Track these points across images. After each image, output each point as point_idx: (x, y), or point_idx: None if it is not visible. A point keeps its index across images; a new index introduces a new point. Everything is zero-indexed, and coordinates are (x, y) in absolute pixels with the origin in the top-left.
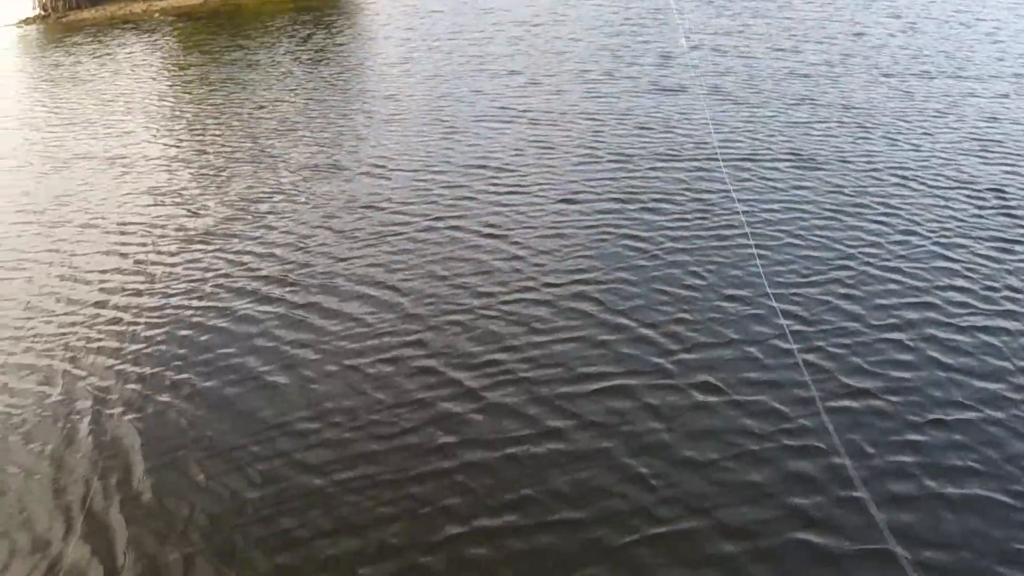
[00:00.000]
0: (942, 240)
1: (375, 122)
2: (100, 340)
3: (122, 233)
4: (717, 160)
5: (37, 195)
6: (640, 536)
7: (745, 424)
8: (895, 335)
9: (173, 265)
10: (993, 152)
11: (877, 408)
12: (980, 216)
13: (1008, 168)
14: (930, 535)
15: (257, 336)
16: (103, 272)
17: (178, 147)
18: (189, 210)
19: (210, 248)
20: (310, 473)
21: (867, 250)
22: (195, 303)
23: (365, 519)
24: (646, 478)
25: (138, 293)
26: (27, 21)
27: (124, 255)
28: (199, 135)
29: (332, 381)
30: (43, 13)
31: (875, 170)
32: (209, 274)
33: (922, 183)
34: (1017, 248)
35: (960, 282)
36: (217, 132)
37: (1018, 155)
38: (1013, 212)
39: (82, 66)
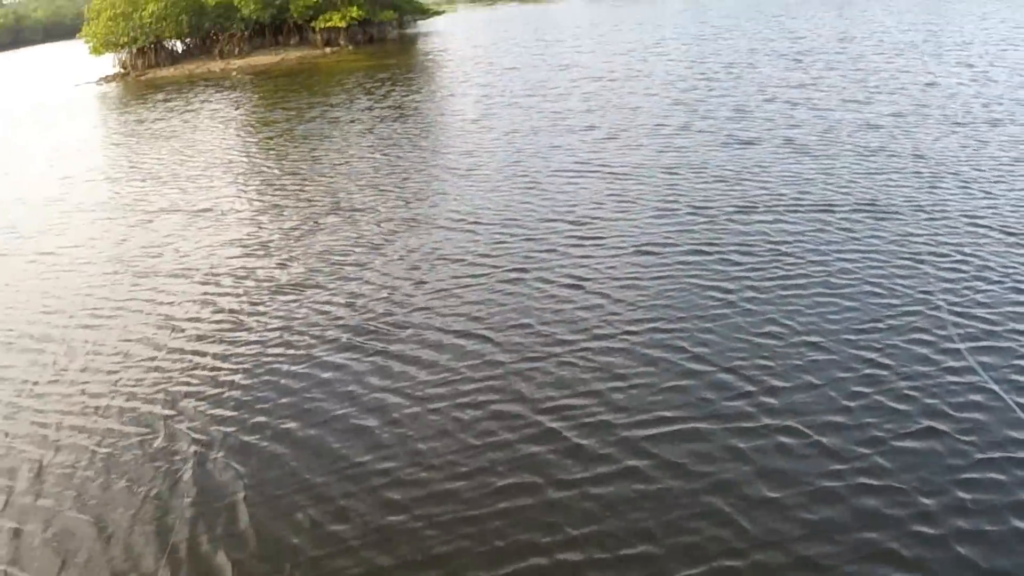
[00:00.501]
0: (1015, 283)
1: (455, 176)
2: (198, 387)
3: (212, 283)
4: (795, 210)
5: (129, 246)
6: (716, 567)
7: (823, 464)
8: (968, 378)
9: (263, 314)
10: None
11: (943, 447)
12: None
13: None
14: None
15: (347, 383)
16: (196, 321)
17: (260, 200)
18: (276, 261)
19: (298, 298)
20: (398, 510)
21: (942, 296)
22: (287, 351)
23: (450, 552)
24: (723, 513)
25: (232, 342)
26: (108, 79)
27: (215, 304)
28: (281, 189)
29: (418, 424)
30: (123, 71)
31: (948, 217)
32: (298, 323)
33: (994, 229)
34: None
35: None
36: (299, 186)
37: None
38: None
39: (164, 122)
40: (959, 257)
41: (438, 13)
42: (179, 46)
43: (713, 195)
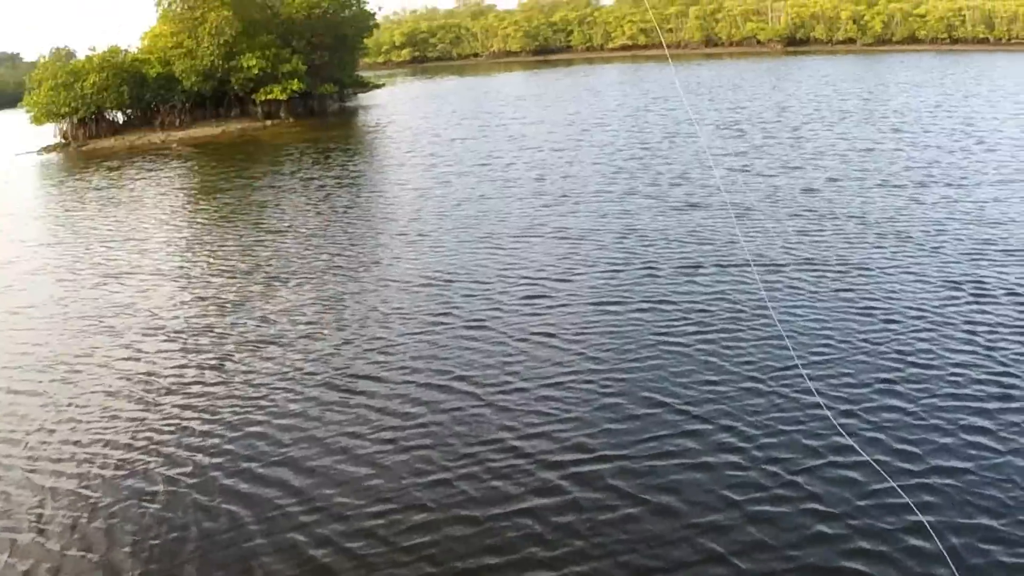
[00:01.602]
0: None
1: (405, 242)
2: (175, 437)
3: (180, 340)
4: (743, 266)
5: (97, 305)
6: None
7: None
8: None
9: (230, 369)
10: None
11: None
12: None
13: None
14: None
15: (311, 428)
16: (166, 376)
17: (216, 264)
18: (234, 320)
19: (262, 353)
20: (377, 541)
21: (885, 336)
22: (255, 402)
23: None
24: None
25: (203, 395)
26: (49, 148)
27: (186, 360)
28: (235, 254)
29: (385, 465)
30: (64, 141)
31: (886, 272)
32: (263, 376)
33: (925, 280)
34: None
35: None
36: (251, 252)
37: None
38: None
39: (112, 190)
40: (897, 306)
41: (378, 86)
42: (120, 117)
43: (663, 255)
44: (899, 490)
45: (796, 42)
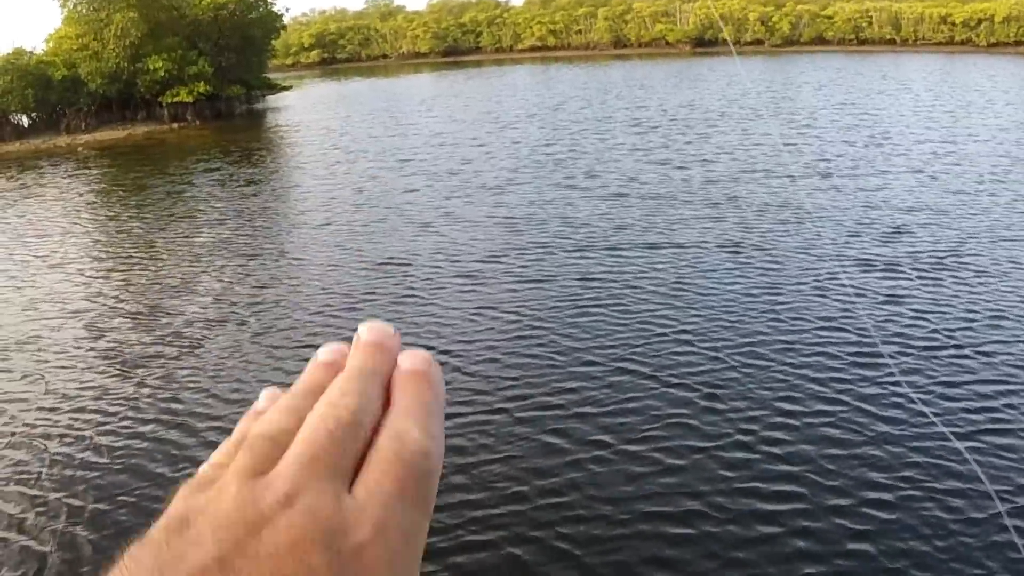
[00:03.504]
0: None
1: (331, 230)
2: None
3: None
4: (657, 247)
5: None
6: None
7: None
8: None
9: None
10: None
11: None
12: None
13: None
14: None
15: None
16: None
17: (107, 280)
18: (118, 343)
19: (136, 378)
20: None
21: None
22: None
23: None
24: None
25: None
26: None
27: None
28: (131, 269)
29: None
30: None
31: (800, 252)
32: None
33: (852, 259)
34: None
35: None
36: (150, 265)
37: None
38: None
39: (8, 195)
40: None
41: (287, 88)
42: (25, 120)
43: (575, 237)
44: None
45: (705, 43)
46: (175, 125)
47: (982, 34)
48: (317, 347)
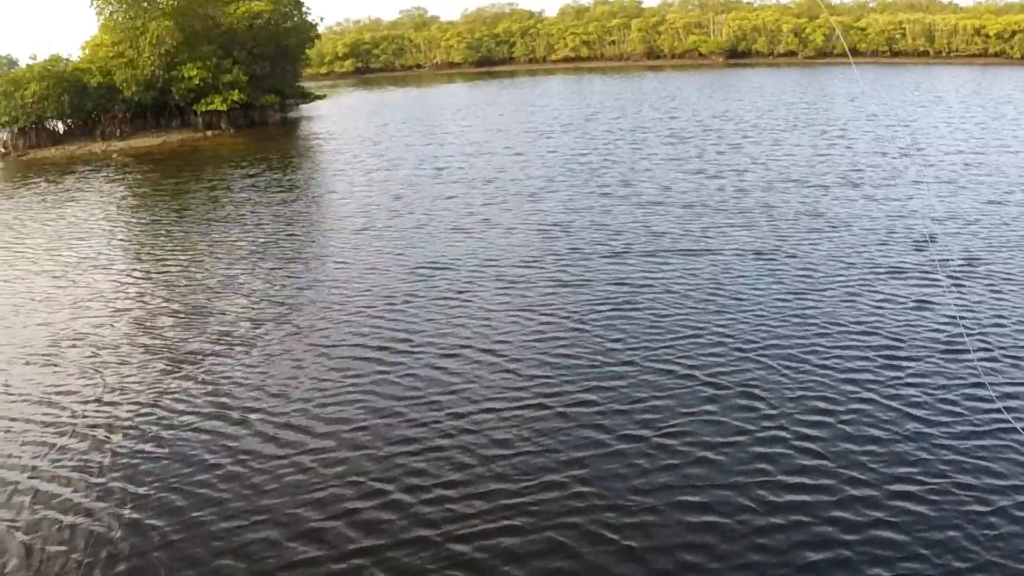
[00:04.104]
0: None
1: (371, 235)
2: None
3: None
4: (699, 254)
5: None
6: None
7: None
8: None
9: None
10: None
11: None
12: None
13: None
14: None
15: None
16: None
17: (150, 280)
18: (168, 341)
19: (188, 375)
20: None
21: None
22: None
23: None
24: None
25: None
26: None
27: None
28: (173, 270)
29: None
30: (3, 151)
31: (809, 259)
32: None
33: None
34: None
35: None
36: (192, 267)
37: None
38: None
39: (45, 201)
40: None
41: (320, 97)
42: (61, 127)
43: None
44: None
45: (738, 54)
46: (209, 133)
47: (1016, 46)
48: (362, 345)
